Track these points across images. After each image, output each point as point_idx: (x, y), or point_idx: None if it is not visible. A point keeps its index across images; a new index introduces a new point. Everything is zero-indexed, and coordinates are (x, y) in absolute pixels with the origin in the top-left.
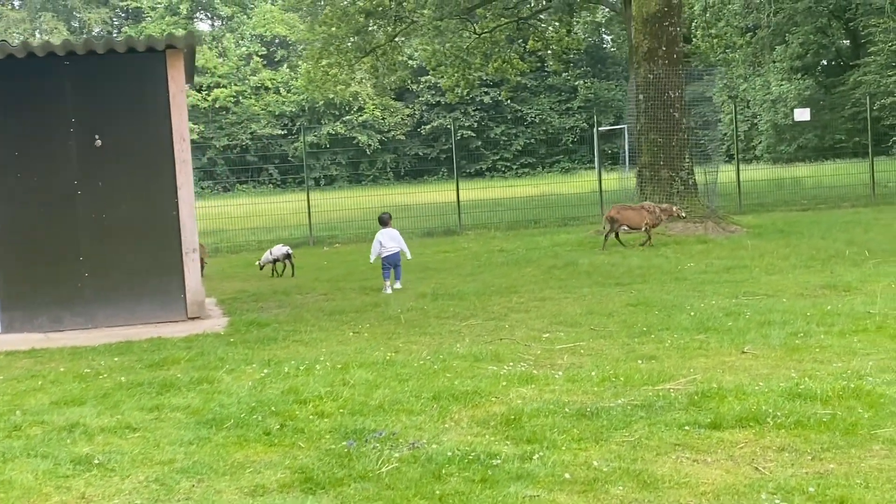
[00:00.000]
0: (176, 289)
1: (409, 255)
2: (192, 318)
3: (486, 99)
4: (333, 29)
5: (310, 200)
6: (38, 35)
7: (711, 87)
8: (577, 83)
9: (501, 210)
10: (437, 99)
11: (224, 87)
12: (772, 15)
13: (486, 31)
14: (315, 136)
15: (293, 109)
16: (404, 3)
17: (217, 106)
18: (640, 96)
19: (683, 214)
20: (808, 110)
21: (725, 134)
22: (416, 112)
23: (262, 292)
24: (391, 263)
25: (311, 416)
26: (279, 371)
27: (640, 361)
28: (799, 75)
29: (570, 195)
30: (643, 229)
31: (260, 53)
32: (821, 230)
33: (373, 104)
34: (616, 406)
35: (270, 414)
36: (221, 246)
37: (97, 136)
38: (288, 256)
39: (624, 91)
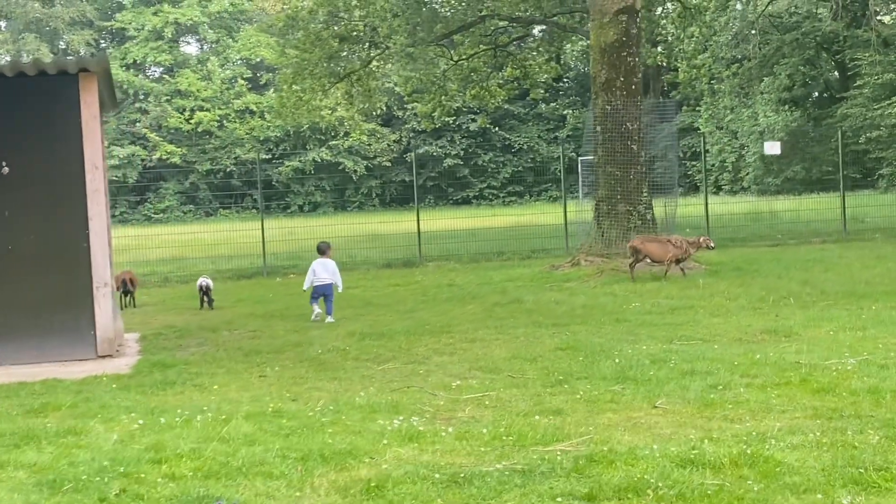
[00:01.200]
0: (86, 325)
1: (340, 288)
2: (103, 357)
3: (473, 126)
4: (306, 54)
5: (264, 230)
6: (24, 56)
7: (672, 119)
8: (565, 112)
9: (471, 241)
10: (424, 125)
11: (207, 110)
12: (759, 46)
13: (463, 57)
14: (300, 161)
15: (278, 134)
16: (378, 29)
17: (200, 129)
18: (598, 128)
19: (713, 245)
20: (778, 144)
21: (713, 165)
22: (403, 138)
23: (191, 327)
24: (321, 293)
25: (159, 479)
26: (156, 422)
27: (543, 416)
28: (787, 107)
29: (546, 226)
30: (666, 262)
31: (245, 77)
32: (780, 268)
33: (359, 130)
34: (494, 471)
35: (118, 475)
36: (174, 276)
37: (4, 163)
38: (205, 290)
39: None
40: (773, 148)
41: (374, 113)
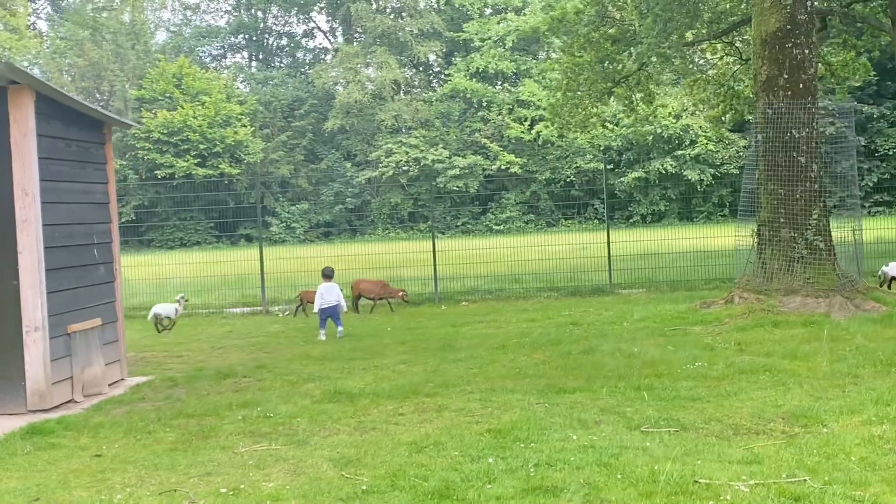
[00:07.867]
0: (14, 375)
1: (345, 309)
2: (34, 412)
3: (830, 130)
4: (577, 58)
5: (435, 250)
6: (370, 70)
7: (849, 125)
8: None
9: (696, 265)
10: (711, 133)
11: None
12: None
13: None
14: (644, 170)
15: (620, 143)
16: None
17: (541, 140)
18: (759, 136)
19: None
20: None
21: None
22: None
23: (210, 374)
24: (328, 315)
25: None
26: None
27: None
28: None
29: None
30: None
31: None
32: None
33: (706, 137)
34: None
35: None
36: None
37: None
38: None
39: None
40: None
41: (723, 119)
